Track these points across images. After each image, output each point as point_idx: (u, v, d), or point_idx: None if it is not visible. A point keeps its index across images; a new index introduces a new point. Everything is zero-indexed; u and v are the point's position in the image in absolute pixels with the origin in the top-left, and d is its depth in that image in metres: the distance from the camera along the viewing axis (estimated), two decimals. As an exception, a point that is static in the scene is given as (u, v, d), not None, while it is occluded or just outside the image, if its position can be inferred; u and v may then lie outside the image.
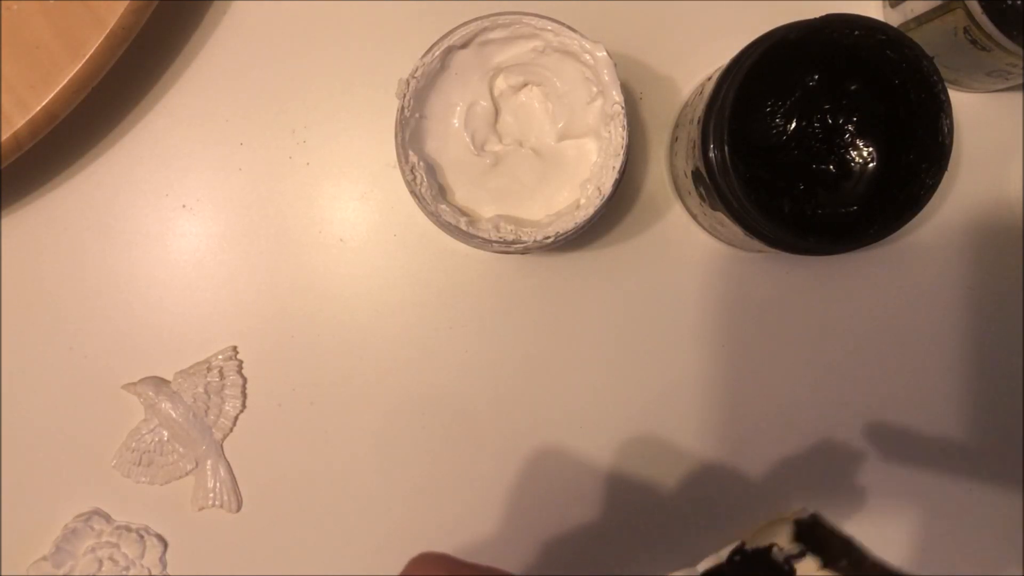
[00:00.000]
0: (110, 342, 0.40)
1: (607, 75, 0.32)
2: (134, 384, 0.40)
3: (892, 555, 0.39)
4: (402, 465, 0.40)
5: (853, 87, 0.31)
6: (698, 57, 0.39)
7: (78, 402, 0.40)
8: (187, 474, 0.40)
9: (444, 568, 0.25)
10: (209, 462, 0.40)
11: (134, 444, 0.40)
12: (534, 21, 0.32)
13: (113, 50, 0.35)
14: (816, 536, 0.27)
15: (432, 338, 0.40)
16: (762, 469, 0.40)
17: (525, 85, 0.35)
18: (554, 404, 0.40)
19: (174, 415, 0.39)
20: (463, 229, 0.32)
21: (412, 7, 0.39)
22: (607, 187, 0.32)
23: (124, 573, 0.40)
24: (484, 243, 0.33)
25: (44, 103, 0.35)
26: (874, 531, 0.39)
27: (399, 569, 0.27)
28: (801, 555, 0.26)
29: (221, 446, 0.40)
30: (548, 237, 0.32)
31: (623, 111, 0.32)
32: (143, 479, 0.40)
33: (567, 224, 0.32)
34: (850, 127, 0.32)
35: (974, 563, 0.39)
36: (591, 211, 0.32)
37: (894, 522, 0.40)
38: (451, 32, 0.32)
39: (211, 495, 0.40)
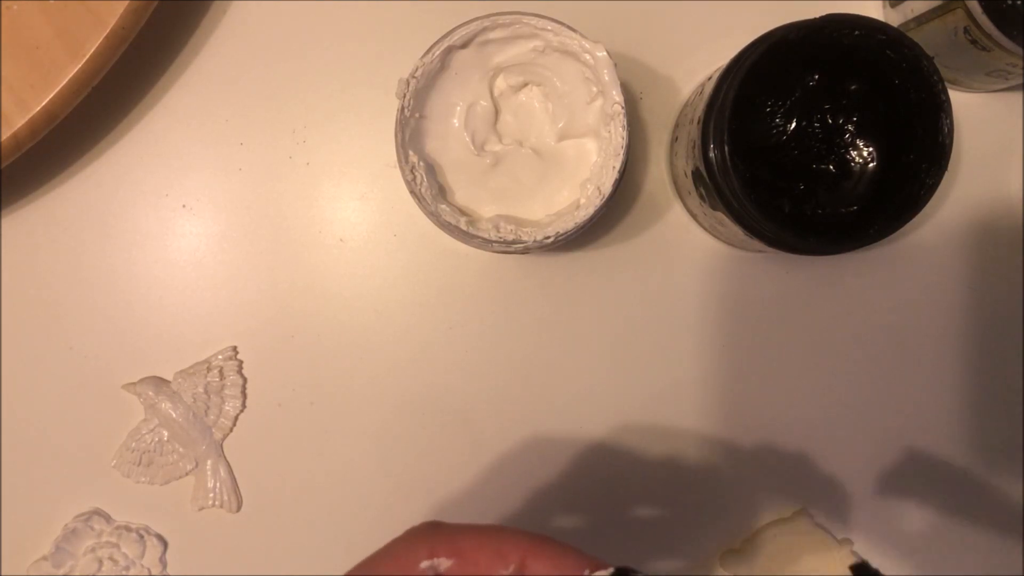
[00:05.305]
0: (110, 342, 0.40)
1: (607, 75, 0.32)
2: (134, 384, 0.40)
3: (892, 555, 0.40)
4: (402, 465, 0.40)
5: (853, 87, 0.31)
6: (698, 57, 0.39)
7: (78, 402, 0.40)
8: (187, 474, 0.40)
9: (443, 539, 0.25)
10: (209, 462, 0.40)
11: (134, 444, 0.40)
12: (534, 21, 0.32)
13: (113, 50, 0.35)
14: None
15: (432, 338, 0.40)
16: (761, 469, 0.40)
17: (525, 85, 0.35)
18: (554, 404, 0.40)
19: (174, 415, 0.39)
20: (463, 229, 0.32)
21: (412, 7, 0.39)
22: (607, 187, 0.32)
23: (124, 573, 0.40)
24: (484, 243, 0.33)
25: (44, 103, 0.35)
26: (874, 531, 0.40)
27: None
28: None
29: (221, 446, 0.40)
30: (548, 237, 0.32)
31: (623, 111, 0.32)
32: (143, 479, 0.40)
33: (567, 224, 0.32)
34: (850, 127, 0.32)
35: (974, 563, 0.39)
36: (591, 211, 0.32)
37: (894, 522, 0.40)
38: (451, 32, 0.32)
39: (211, 495, 0.40)
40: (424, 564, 0.24)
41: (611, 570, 0.23)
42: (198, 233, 0.40)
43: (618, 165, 0.32)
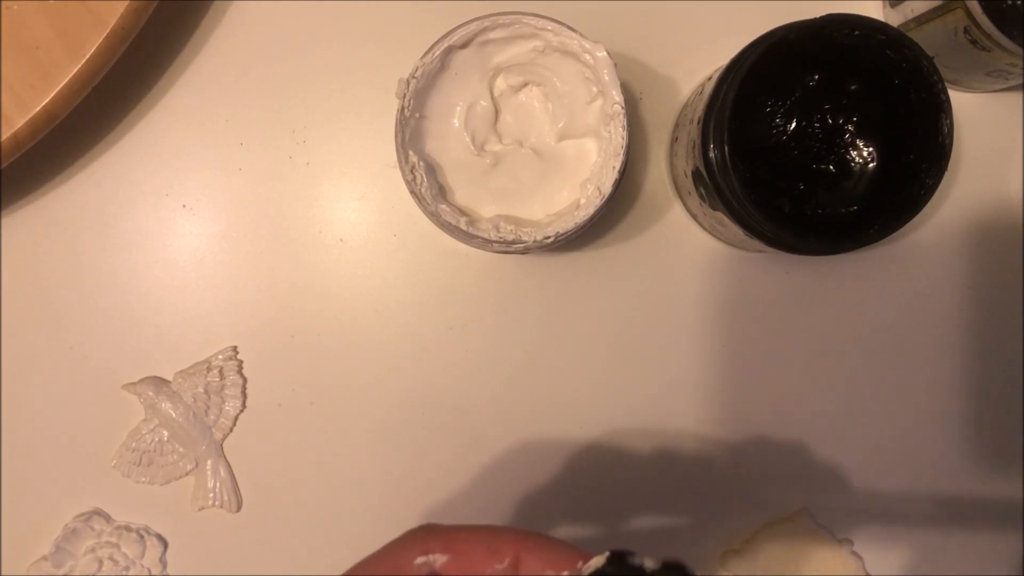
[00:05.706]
0: (110, 342, 0.40)
1: (607, 75, 0.32)
2: (134, 384, 0.40)
3: (892, 555, 0.40)
4: (402, 465, 0.40)
5: (853, 87, 0.31)
6: (698, 57, 0.39)
7: (78, 402, 0.40)
8: (187, 474, 0.40)
9: (437, 537, 0.25)
10: (209, 462, 0.40)
11: (134, 444, 0.40)
12: (534, 21, 0.32)
13: (113, 50, 0.35)
14: None
15: (432, 338, 0.40)
16: (761, 469, 0.40)
17: (525, 85, 0.35)
18: (554, 404, 0.40)
19: (174, 415, 0.39)
20: (463, 229, 0.32)
21: (412, 7, 0.39)
22: (607, 187, 0.32)
23: (124, 573, 0.40)
24: (484, 243, 0.33)
25: (44, 103, 0.35)
26: (874, 531, 0.40)
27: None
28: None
29: (221, 446, 0.40)
30: (548, 237, 0.32)
31: (623, 111, 0.32)
32: (143, 479, 0.40)
33: (567, 224, 0.32)
34: (850, 127, 0.32)
35: (974, 563, 0.39)
36: (591, 211, 0.32)
37: (894, 522, 0.40)
38: (451, 32, 0.32)
39: (211, 495, 0.40)
40: (419, 561, 0.24)
41: (606, 555, 0.23)
42: (198, 233, 0.40)
43: (618, 165, 0.32)
